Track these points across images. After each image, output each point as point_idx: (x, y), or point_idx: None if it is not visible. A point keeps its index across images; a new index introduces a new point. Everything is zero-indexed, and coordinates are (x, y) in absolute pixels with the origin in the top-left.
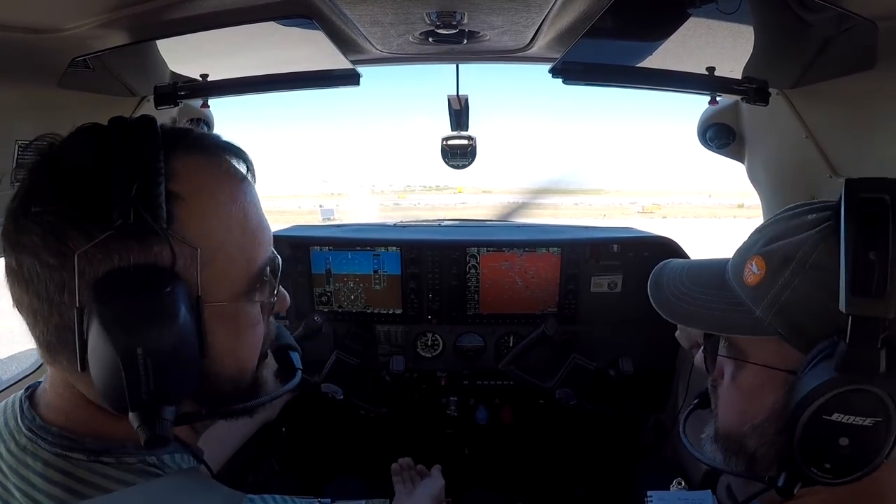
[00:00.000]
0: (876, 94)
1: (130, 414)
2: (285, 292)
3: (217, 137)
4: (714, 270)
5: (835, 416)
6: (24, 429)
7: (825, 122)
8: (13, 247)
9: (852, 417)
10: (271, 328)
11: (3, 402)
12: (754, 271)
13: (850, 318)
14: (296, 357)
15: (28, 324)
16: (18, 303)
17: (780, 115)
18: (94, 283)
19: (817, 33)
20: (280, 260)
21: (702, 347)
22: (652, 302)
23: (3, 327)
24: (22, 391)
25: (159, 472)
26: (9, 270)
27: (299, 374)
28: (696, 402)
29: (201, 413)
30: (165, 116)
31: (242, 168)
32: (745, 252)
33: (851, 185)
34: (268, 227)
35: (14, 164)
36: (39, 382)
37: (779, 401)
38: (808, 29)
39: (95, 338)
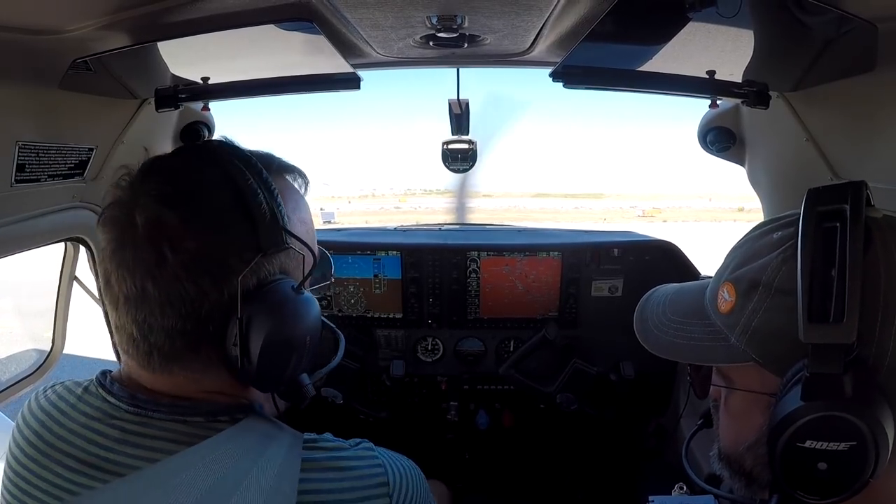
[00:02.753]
0: (876, 96)
1: (282, 388)
2: None
3: (285, 161)
4: (694, 297)
5: (808, 444)
6: (123, 406)
7: (826, 124)
8: (156, 277)
9: (825, 443)
10: None
11: (57, 392)
12: (726, 298)
13: (810, 346)
14: (330, 323)
15: (153, 343)
16: (151, 326)
17: (780, 118)
18: (250, 296)
19: (817, 36)
20: (328, 254)
21: (688, 379)
22: (637, 334)
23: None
24: (98, 376)
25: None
26: (142, 299)
27: (341, 335)
28: (700, 422)
29: (316, 376)
30: (169, 119)
31: (300, 185)
32: (718, 277)
33: (811, 196)
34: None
35: (15, 165)
36: (110, 370)
37: (765, 423)
38: (808, 31)
39: (266, 339)
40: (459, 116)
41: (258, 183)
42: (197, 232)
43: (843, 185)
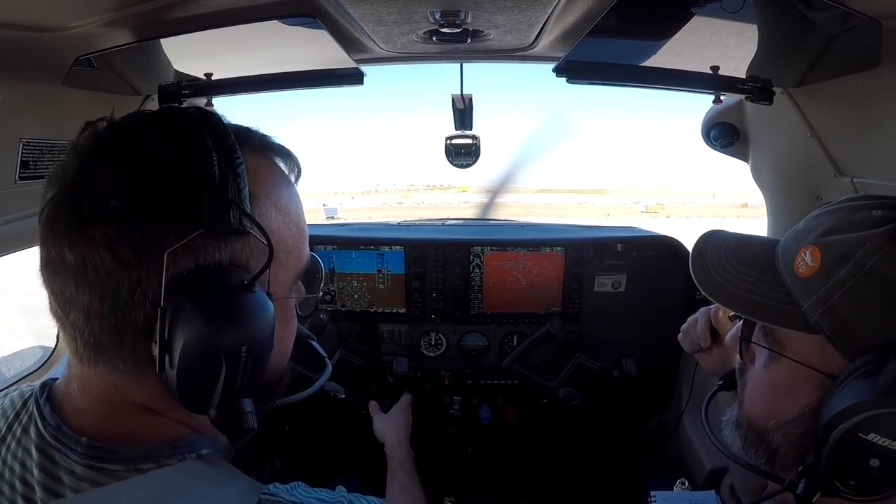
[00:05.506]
0: (880, 92)
1: (213, 411)
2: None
3: (272, 139)
4: (762, 251)
5: (871, 437)
6: (48, 437)
7: (829, 121)
8: (73, 239)
9: (889, 441)
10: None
11: (7, 400)
12: (808, 262)
13: None
14: (318, 346)
15: (72, 323)
16: (67, 301)
17: (784, 115)
18: (182, 282)
19: (821, 32)
20: (319, 260)
21: (737, 329)
22: (693, 276)
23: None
24: (36, 391)
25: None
26: (58, 265)
27: (329, 363)
28: (720, 383)
29: (276, 404)
30: None
31: (290, 171)
32: (800, 238)
33: None
34: (307, 228)
35: (19, 162)
36: (54, 380)
37: (811, 403)
38: (812, 27)
39: (190, 339)
40: (462, 111)
41: (216, 146)
42: (126, 188)
43: None
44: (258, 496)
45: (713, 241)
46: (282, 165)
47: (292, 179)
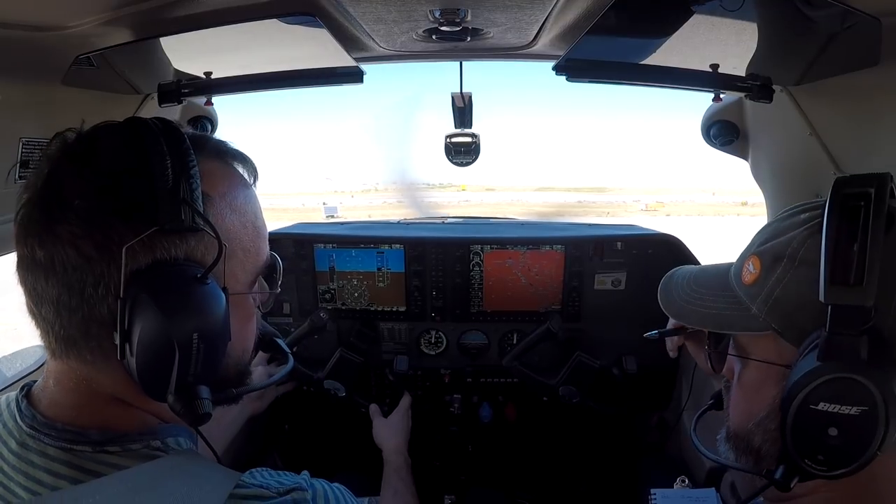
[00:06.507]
0: (880, 90)
1: (170, 397)
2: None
3: (229, 145)
4: (719, 272)
5: (821, 406)
6: (24, 427)
7: (829, 119)
8: (43, 237)
9: (838, 406)
10: (258, 319)
11: None
12: (751, 270)
13: (830, 307)
14: (282, 342)
15: (44, 317)
16: (39, 296)
17: (783, 113)
18: (140, 276)
19: (821, 30)
20: (278, 258)
21: (706, 349)
22: (660, 304)
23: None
24: (17, 391)
25: (164, 455)
26: (30, 262)
27: (290, 357)
28: (710, 402)
29: (232, 393)
30: (171, 114)
31: (248, 174)
32: (744, 253)
33: (839, 182)
34: (266, 228)
35: (18, 161)
36: (34, 382)
37: (777, 395)
38: (812, 25)
39: (146, 327)
40: (462, 110)
41: (171, 151)
42: (89, 190)
43: (870, 174)
44: (234, 484)
45: (678, 274)
46: (240, 169)
47: (250, 182)
